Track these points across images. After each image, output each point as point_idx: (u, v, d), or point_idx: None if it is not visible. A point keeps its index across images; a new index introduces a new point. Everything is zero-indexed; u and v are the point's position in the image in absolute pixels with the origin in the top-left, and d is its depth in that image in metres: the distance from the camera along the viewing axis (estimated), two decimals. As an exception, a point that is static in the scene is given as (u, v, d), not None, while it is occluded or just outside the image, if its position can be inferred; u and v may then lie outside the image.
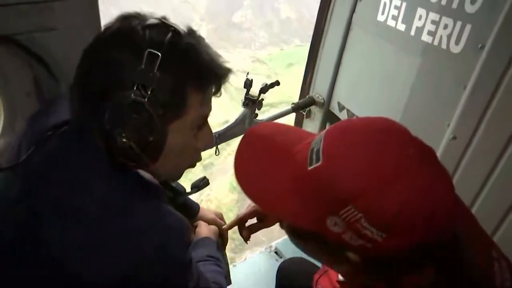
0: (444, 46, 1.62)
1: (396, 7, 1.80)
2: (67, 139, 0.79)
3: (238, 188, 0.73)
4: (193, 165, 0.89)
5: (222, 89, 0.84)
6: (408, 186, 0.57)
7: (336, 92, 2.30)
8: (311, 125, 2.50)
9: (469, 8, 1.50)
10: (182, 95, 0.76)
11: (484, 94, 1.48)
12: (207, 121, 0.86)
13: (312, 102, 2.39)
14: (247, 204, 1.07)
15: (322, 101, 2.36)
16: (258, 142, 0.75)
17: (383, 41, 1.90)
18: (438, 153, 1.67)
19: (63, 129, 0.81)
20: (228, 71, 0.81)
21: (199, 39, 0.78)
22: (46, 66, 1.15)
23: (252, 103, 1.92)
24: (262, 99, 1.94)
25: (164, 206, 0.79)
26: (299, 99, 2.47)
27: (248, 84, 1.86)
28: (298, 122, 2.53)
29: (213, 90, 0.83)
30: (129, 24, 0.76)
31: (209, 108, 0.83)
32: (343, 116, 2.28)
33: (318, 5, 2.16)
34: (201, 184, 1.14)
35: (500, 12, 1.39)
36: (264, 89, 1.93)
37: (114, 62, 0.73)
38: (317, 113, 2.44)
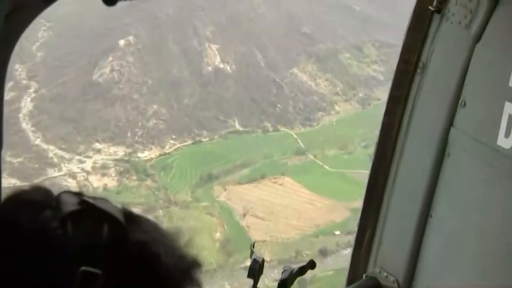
0: None
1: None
2: None
3: None
4: None
5: None
6: None
7: (421, 269, 1.42)
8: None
9: None
10: None
11: None
12: None
13: (377, 286, 1.43)
14: None
15: (396, 285, 1.42)
16: None
17: (509, 181, 1.27)
18: None
19: None
20: (199, 268, 0.70)
21: (151, 226, 0.69)
22: None
23: None
24: None
25: None
26: (348, 280, 1.55)
27: (256, 270, 1.20)
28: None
29: None
30: (35, 217, 0.63)
31: None
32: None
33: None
34: None
35: None
36: (287, 282, 1.28)
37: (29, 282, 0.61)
38: (385, 308, 1.48)
